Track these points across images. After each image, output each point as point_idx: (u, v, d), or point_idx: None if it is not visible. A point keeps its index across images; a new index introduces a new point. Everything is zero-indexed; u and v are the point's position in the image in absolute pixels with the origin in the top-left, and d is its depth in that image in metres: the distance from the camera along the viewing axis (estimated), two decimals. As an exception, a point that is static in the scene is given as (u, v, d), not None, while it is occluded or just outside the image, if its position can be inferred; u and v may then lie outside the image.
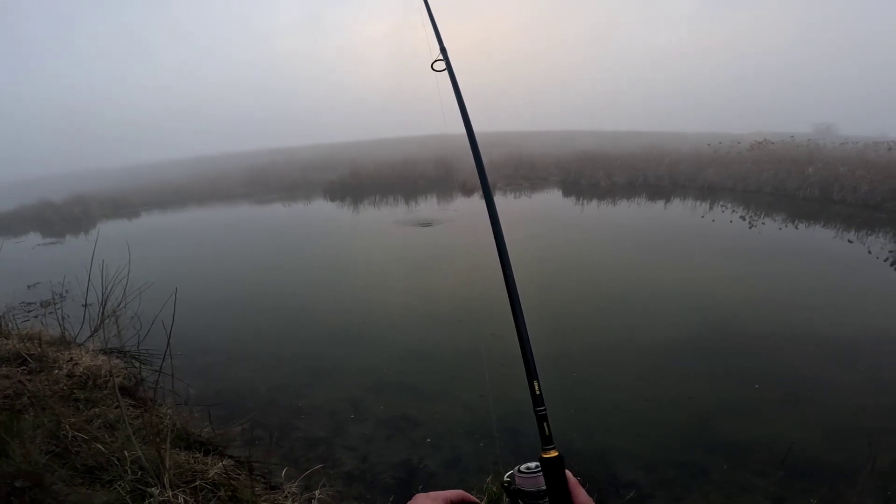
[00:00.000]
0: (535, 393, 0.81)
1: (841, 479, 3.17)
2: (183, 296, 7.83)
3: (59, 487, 2.08)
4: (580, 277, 8.08)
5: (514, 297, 0.91)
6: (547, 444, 0.76)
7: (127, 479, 2.28)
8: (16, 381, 3.27)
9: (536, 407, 0.80)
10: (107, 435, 2.97)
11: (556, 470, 0.73)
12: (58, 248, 14.35)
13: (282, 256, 11.05)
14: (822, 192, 13.78)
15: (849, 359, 4.85)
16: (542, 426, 0.78)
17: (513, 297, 0.91)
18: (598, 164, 19.74)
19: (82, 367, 4.24)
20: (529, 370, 0.83)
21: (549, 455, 0.74)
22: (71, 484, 2.19)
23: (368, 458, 3.66)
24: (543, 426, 0.78)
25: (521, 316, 0.89)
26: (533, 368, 0.84)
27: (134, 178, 33.52)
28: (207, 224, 17.45)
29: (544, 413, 0.79)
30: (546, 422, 0.78)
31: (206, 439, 3.40)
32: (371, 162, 25.59)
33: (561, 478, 0.73)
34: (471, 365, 5.18)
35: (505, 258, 0.97)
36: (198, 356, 5.71)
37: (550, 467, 0.73)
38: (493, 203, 1.08)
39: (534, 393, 0.81)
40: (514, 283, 0.94)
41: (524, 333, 0.87)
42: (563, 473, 0.73)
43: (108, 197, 23.20)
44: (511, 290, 0.93)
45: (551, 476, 0.73)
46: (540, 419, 0.78)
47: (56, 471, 2.23)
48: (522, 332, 0.87)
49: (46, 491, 2.01)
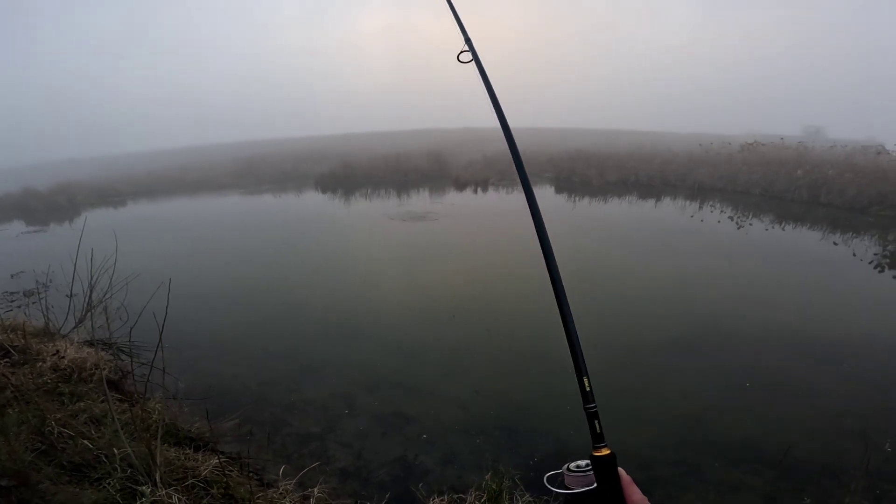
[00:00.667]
0: (585, 389, 0.80)
1: (830, 477, 3.22)
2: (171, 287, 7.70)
3: (46, 486, 2.01)
4: (567, 275, 8.07)
5: (560, 294, 0.90)
6: (598, 441, 0.74)
7: (116, 476, 2.22)
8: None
9: (587, 404, 0.78)
10: (93, 430, 2.88)
11: (608, 468, 0.72)
12: (42, 236, 14.02)
13: (272, 248, 10.91)
14: (810, 194, 13.96)
15: (835, 359, 4.93)
16: (592, 424, 0.76)
17: (559, 295, 0.90)
18: (591, 162, 19.81)
19: (67, 359, 4.13)
20: (579, 366, 0.82)
21: (601, 453, 0.73)
22: (58, 482, 2.12)
23: (363, 455, 3.62)
24: (595, 424, 0.76)
25: (569, 313, 0.88)
26: (582, 364, 0.82)
27: (121, 166, 32.83)
28: (196, 214, 17.17)
29: (595, 410, 0.77)
30: (597, 419, 0.76)
31: (196, 435, 3.33)
32: (363, 155, 25.39)
33: (614, 476, 0.72)
34: (465, 360, 5.16)
35: (549, 254, 0.96)
36: (186, 349, 5.60)
37: (602, 465, 0.72)
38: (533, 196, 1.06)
39: (583, 389, 0.80)
40: (560, 280, 0.92)
41: (572, 330, 0.85)
42: (615, 472, 0.72)
43: (94, 185, 22.71)
44: (557, 288, 0.91)
45: (603, 474, 0.72)
46: (591, 416, 0.77)
47: (42, 469, 2.16)
48: (571, 329, 0.85)
49: (33, 490, 1.93)
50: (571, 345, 0.83)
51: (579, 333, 0.86)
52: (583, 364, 0.82)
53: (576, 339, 0.83)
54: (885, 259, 8.58)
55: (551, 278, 0.91)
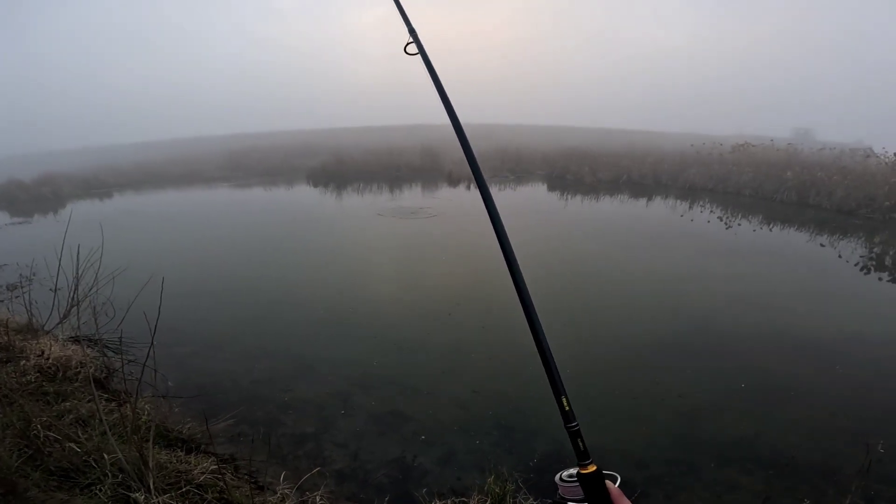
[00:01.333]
0: (565, 409, 0.79)
1: (823, 477, 3.25)
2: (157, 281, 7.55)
3: (35, 493, 1.92)
4: (560, 273, 8.10)
5: (531, 313, 0.86)
6: (583, 459, 0.74)
7: (107, 482, 2.13)
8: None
9: (567, 423, 0.77)
10: (80, 432, 2.78)
11: (596, 484, 0.72)
12: (26, 228, 13.66)
13: (263, 242, 10.75)
14: (798, 196, 14.14)
15: (827, 360, 4.98)
16: (576, 443, 0.76)
17: (530, 314, 0.86)
18: (584, 160, 19.87)
19: (52, 357, 4.00)
20: (556, 386, 0.80)
21: (587, 470, 0.73)
22: (46, 489, 2.03)
23: (360, 456, 3.56)
24: (577, 442, 0.75)
25: (541, 332, 0.85)
26: (560, 384, 0.80)
27: (108, 158, 32.14)
28: (184, 207, 16.87)
29: (577, 429, 0.77)
30: (580, 438, 0.76)
31: (188, 436, 3.25)
32: (356, 149, 25.18)
33: (602, 492, 0.72)
34: (462, 359, 5.12)
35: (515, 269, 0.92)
36: (176, 346, 5.47)
37: (589, 482, 0.72)
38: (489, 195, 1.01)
39: (563, 409, 0.78)
40: (529, 299, 0.87)
41: (546, 350, 0.83)
42: (603, 487, 0.72)
43: (79, 177, 22.20)
44: (528, 307, 0.86)
45: (591, 491, 0.72)
46: (573, 435, 0.76)
47: (29, 475, 2.06)
48: (545, 349, 0.83)
49: (21, 498, 1.85)
50: (547, 365, 0.81)
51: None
52: (560, 384, 0.80)
53: (551, 359, 0.82)
54: (871, 261, 8.71)
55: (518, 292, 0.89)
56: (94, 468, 2.26)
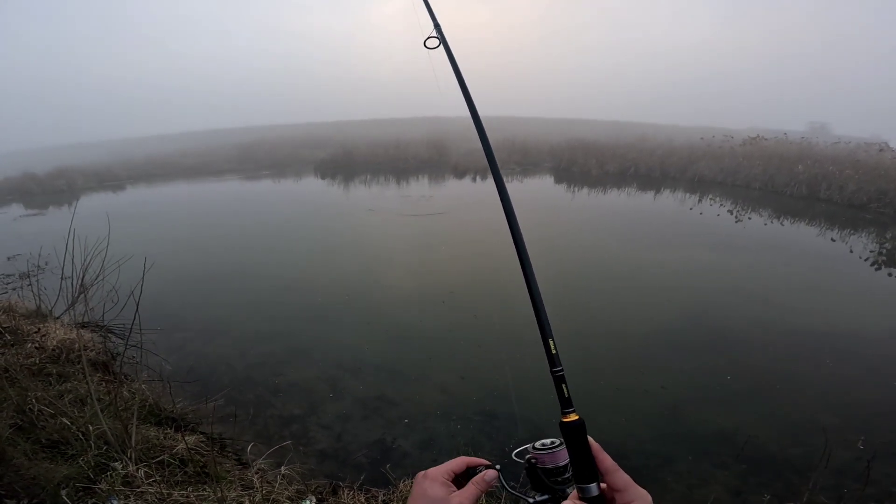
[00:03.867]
0: (551, 352, 0.75)
1: (797, 474, 3.25)
2: (163, 270, 7.79)
3: (21, 461, 2.06)
4: (559, 264, 8.13)
5: (523, 256, 0.84)
6: (566, 406, 0.70)
7: (91, 453, 2.27)
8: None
9: (553, 367, 0.74)
10: (76, 410, 2.94)
11: (577, 435, 0.68)
12: (40, 219, 14.07)
13: (267, 232, 10.96)
14: (809, 189, 13.88)
15: (817, 355, 4.95)
16: (560, 387, 0.72)
17: (522, 256, 0.84)
18: (591, 152, 19.70)
19: (55, 340, 4.19)
20: (543, 329, 0.77)
21: (570, 419, 0.68)
22: (34, 458, 2.17)
23: (343, 437, 3.68)
24: (562, 387, 0.72)
25: (531, 273, 0.82)
26: (547, 326, 0.77)
27: (121, 151, 32.78)
28: (192, 199, 17.21)
29: (562, 374, 0.73)
30: (564, 383, 0.72)
31: (178, 415, 3.39)
32: (364, 141, 25.31)
33: (583, 443, 0.67)
34: (453, 346, 5.21)
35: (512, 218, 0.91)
36: (176, 331, 5.67)
37: (571, 432, 0.68)
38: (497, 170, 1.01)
39: (549, 352, 0.75)
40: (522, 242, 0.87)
41: (536, 293, 0.80)
42: (585, 439, 0.68)
43: (92, 170, 22.69)
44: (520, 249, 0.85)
45: (572, 442, 0.68)
46: (557, 380, 0.72)
47: (19, 444, 2.21)
48: (534, 289, 0.80)
49: (7, 465, 1.99)
50: (535, 306, 0.78)
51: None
52: (547, 326, 0.77)
53: (540, 302, 0.79)
54: (881, 257, 8.55)
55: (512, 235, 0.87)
56: (81, 440, 2.40)
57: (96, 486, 2.01)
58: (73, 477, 2.08)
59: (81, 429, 2.48)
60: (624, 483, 0.64)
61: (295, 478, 2.60)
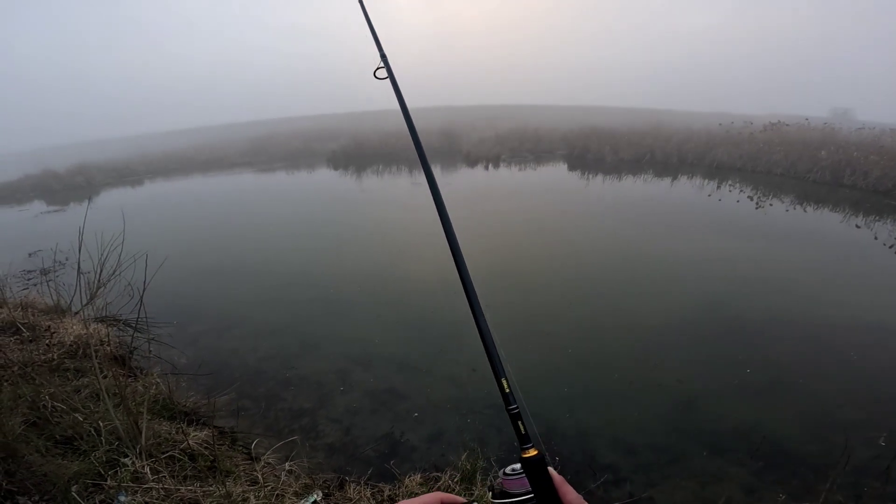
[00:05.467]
0: (505, 391, 0.77)
1: (815, 472, 3.15)
2: (179, 264, 7.90)
3: (34, 458, 2.10)
4: (572, 252, 8.03)
5: (471, 293, 0.87)
6: (525, 443, 0.72)
7: (102, 449, 2.31)
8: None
9: (508, 406, 0.76)
10: (92, 405, 3.00)
11: (537, 469, 0.69)
12: (60, 216, 14.40)
13: (279, 225, 11.05)
14: (832, 175, 13.45)
15: (843, 347, 4.80)
16: (516, 425, 0.73)
17: (470, 294, 0.86)
18: (605, 139, 19.36)
19: (72, 336, 4.28)
20: (496, 368, 0.79)
21: (529, 455, 0.70)
22: (47, 455, 2.22)
23: (351, 431, 3.70)
24: (518, 425, 0.73)
25: (480, 313, 0.84)
26: (499, 366, 0.79)
27: (139, 147, 33.35)
28: (207, 193, 17.44)
29: (517, 411, 0.74)
30: (520, 420, 0.73)
31: (190, 409, 3.44)
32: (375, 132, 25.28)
33: (545, 477, 0.69)
34: (463, 337, 5.19)
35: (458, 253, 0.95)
36: (191, 324, 5.77)
37: (531, 467, 0.69)
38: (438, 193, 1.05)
39: (503, 391, 0.77)
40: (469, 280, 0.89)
41: (486, 332, 0.83)
42: (545, 472, 0.69)
43: (111, 166, 23.15)
44: (468, 288, 0.88)
45: (534, 476, 0.69)
46: (513, 418, 0.74)
47: (32, 441, 2.26)
48: (484, 330, 0.83)
49: (19, 462, 2.03)
50: (486, 346, 0.81)
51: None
52: (500, 365, 0.79)
53: (491, 341, 0.81)
54: (906, 243, 8.24)
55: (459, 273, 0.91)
56: (94, 436, 2.45)
57: (105, 482, 2.05)
58: (84, 473, 2.11)
59: (94, 424, 2.53)
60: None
61: (302, 472, 2.61)
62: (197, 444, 2.67)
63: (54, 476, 2.01)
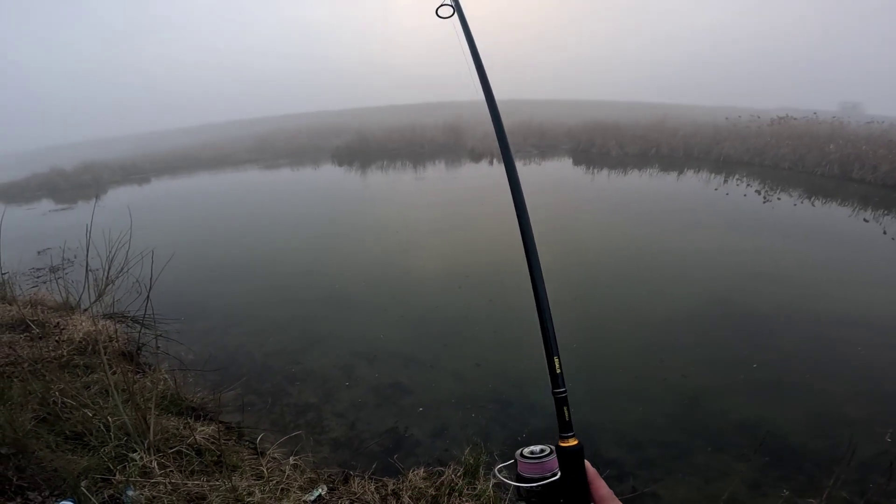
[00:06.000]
0: (556, 371, 0.70)
1: (820, 468, 3.13)
2: (185, 261, 7.96)
3: (44, 453, 2.14)
4: (578, 247, 8.01)
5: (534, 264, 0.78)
6: (566, 430, 0.66)
7: (111, 444, 2.35)
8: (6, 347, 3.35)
9: (556, 389, 0.69)
10: (101, 401, 3.05)
11: (575, 461, 0.65)
12: (69, 214, 14.55)
13: (284, 221, 11.11)
14: (841, 169, 13.32)
15: (850, 342, 4.76)
16: (561, 410, 0.67)
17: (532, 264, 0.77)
18: (610, 133, 19.24)
19: (82, 332, 4.33)
20: (549, 345, 0.71)
21: (568, 444, 0.65)
22: (57, 450, 2.26)
23: (356, 426, 3.74)
24: (563, 410, 0.67)
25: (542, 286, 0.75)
26: (554, 343, 0.71)
27: (145, 145, 33.56)
28: (213, 190, 17.56)
29: (564, 396, 0.68)
30: (566, 405, 0.67)
31: (197, 405, 3.48)
32: (379, 128, 25.28)
33: (580, 469, 0.65)
34: (469, 332, 5.22)
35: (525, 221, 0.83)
36: (198, 320, 5.83)
37: (570, 457, 0.65)
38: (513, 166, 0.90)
39: (553, 371, 0.70)
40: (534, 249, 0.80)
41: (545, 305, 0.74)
42: (582, 465, 0.65)
43: (117, 164, 23.30)
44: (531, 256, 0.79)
45: (569, 467, 0.64)
46: (559, 402, 0.68)
47: (42, 437, 2.30)
48: (543, 304, 0.74)
49: (30, 457, 2.07)
50: (542, 321, 0.72)
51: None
52: (554, 343, 0.71)
53: (548, 314, 0.72)
54: (917, 238, 8.15)
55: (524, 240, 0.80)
56: (103, 432, 2.49)
57: (114, 477, 2.08)
58: (93, 468, 2.15)
59: (103, 420, 2.57)
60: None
61: (307, 467, 2.65)
62: (204, 440, 2.71)
63: (64, 471, 2.05)
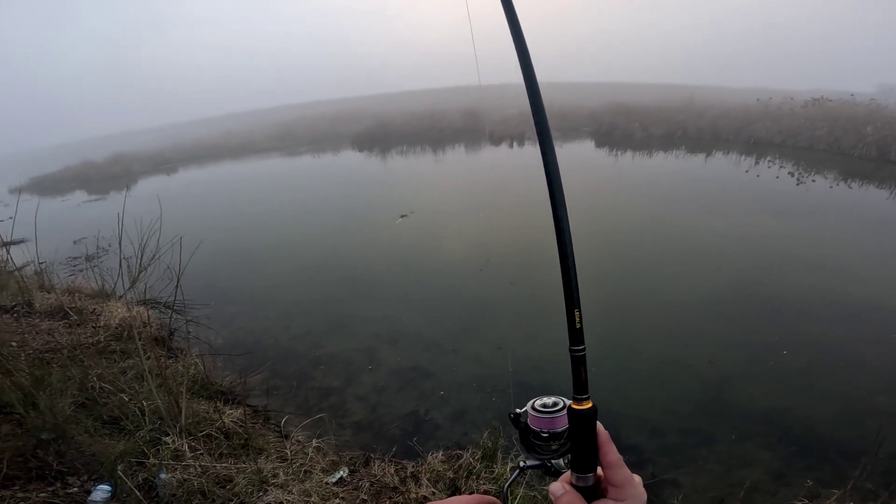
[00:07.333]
0: (576, 326, 0.63)
1: (846, 458, 3.05)
2: (213, 248, 8.16)
3: (83, 438, 2.27)
4: (604, 230, 7.88)
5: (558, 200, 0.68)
6: (581, 392, 0.61)
7: (146, 428, 2.47)
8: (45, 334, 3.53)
9: (573, 346, 0.62)
10: (136, 385, 3.20)
11: (587, 424, 0.61)
12: (102, 204, 15.11)
13: (307, 207, 11.30)
14: (879, 151, 12.69)
15: (883, 329, 4.59)
16: (577, 370, 0.62)
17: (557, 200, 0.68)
18: (633, 115, 18.71)
19: (118, 319, 4.53)
20: (570, 297, 0.63)
21: (583, 406, 0.60)
22: (95, 435, 2.39)
23: (378, 409, 3.82)
24: (580, 370, 0.62)
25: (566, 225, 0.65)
26: (576, 293, 0.63)
27: (171, 136, 34.39)
28: (238, 177, 17.96)
29: (583, 354, 0.62)
30: (584, 365, 0.62)
31: (226, 388, 3.62)
32: (399, 113, 25.25)
33: (591, 432, 0.61)
34: (490, 315, 5.24)
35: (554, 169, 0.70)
36: (227, 306, 6.02)
37: (582, 421, 0.61)
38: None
39: (573, 326, 0.63)
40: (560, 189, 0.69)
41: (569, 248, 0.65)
42: (594, 427, 0.61)
43: (146, 155, 24.01)
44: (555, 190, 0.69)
45: (580, 428, 0.61)
46: (577, 361, 0.62)
47: (81, 422, 2.44)
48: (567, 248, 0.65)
49: (69, 442, 2.20)
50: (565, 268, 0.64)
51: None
52: (576, 293, 0.63)
53: (571, 261, 0.64)
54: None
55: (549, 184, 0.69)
56: (138, 416, 2.62)
57: (148, 460, 2.20)
58: (129, 452, 2.28)
59: (138, 404, 2.71)
60: (623, 480, 0.60)
61: (329, 449, 2.74)
62: (232, 423, 2.83)
63: (101, 455, 2.17)
